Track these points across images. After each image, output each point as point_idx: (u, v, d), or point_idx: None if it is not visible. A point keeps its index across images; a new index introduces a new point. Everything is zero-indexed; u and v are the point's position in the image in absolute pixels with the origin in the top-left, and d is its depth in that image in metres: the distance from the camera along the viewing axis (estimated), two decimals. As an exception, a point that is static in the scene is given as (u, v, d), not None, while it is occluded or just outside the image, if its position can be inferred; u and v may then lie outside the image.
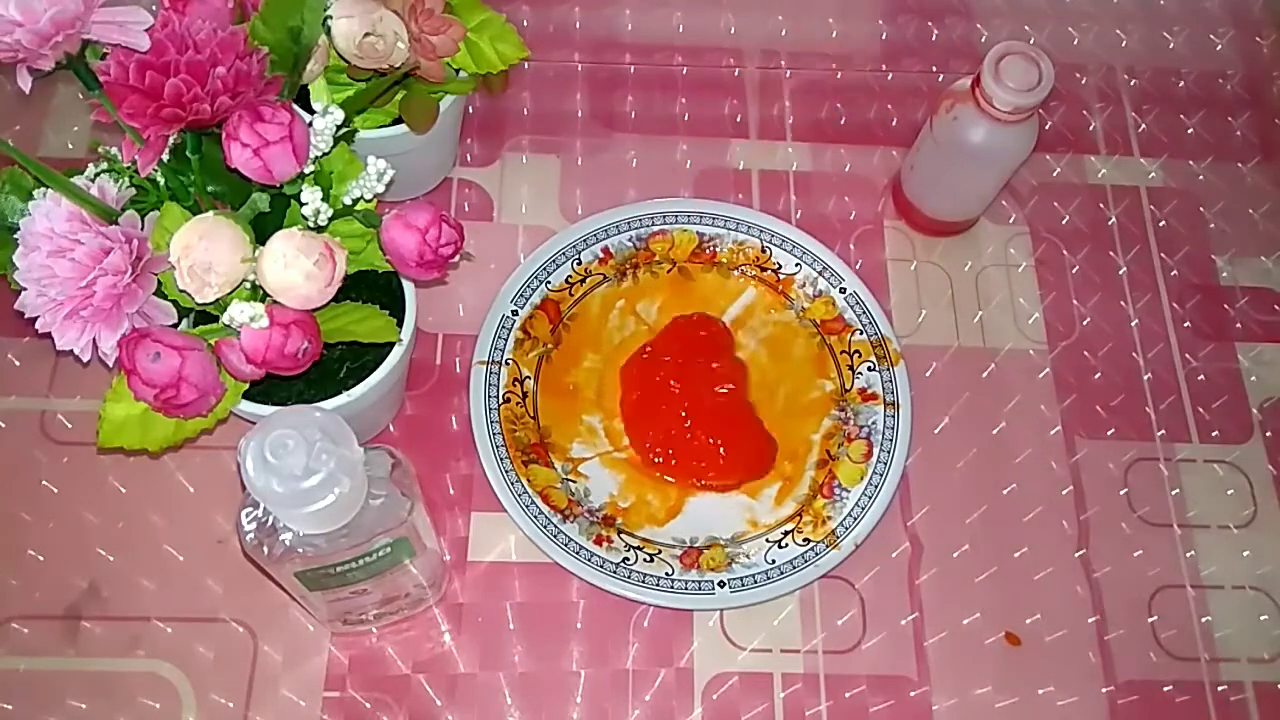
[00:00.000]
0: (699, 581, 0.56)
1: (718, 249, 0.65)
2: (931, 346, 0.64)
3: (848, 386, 0.62)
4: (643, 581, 0.55)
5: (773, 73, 0.73)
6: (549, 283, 0.62)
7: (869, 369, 0.62)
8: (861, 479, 0.59)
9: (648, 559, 0.56)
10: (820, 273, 0.63)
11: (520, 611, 0.56)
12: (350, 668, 0.54)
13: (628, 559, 0.56)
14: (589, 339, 0.62)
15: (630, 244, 0.64)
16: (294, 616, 0.55)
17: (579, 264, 0.63)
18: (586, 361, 0.62)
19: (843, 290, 0.63)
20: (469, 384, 0.59)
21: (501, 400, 0.59)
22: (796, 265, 0.64)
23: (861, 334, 0.62)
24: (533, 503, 0.56)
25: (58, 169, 0.43)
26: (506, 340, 0.60)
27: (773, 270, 0.64)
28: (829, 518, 0.58)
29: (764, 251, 0.64)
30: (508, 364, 0.60)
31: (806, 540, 0.57)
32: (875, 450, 0.59)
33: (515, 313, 0.61)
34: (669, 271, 0.64)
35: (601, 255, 0.63)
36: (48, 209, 0.43)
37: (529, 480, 0.57)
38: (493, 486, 0.56)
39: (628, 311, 0.63)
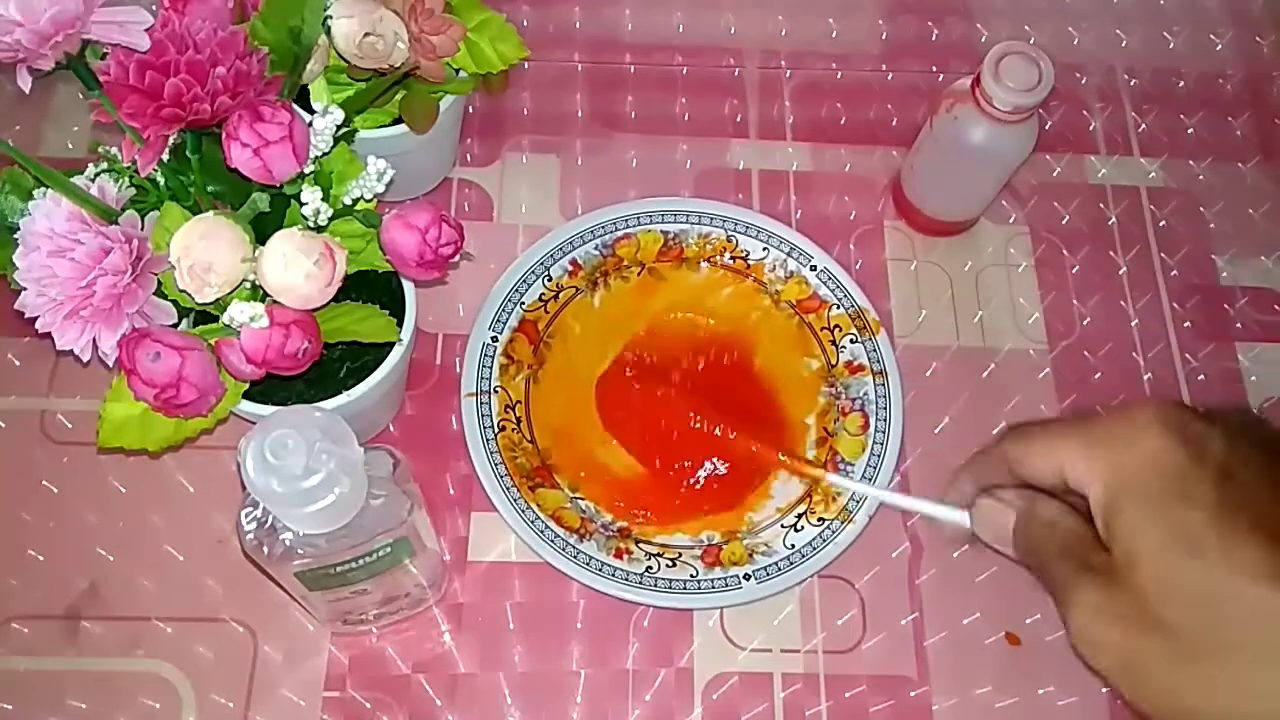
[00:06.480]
0: (724, 578, 0.55)
1: (684, 244, 0.64)
2: (931, 346, 0.64)
3: (833, 362, 0.62)
4: (669, 587, 0.55)
5: (773, 73, 0.73)
6: (523, 303, 0.62)
7: (851, 341, 0.62)
8: (863, 450, 0.59)
9: (670, 564, 0.56)
10: (788, 254, 0.64)
11: (520, 611, 0.56)
12: (350, 668, 0.54)
13: (650, 568, 0.56)
14: (569, 361, 0.62)
15: (597, 252, 0.64)
16: (294, 616, 0.55)
17: (549, 279, 0.63)
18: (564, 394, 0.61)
19: (813, 268, 0.63)
20: (462, 415, 0.58)
21: (498, 429, 0.58)
22: (764, 250, 0.64)
23: (838, 308, 0.62)
24: (547, 528, 0.56)
25: (58, 169, 0.43)
26: (491, 368, 0.60)
27: (741, 258, 0.64)
28: (839, 493, 0.58)
29: (729, 240, 0.64)
30: (496, 392, 0.59)
31: (821, 520, 0.57)
32: (872, 420, 0.60)
33: (495, 339, 0.60)
34: (639, 274, 0.64)
35: (570, 268, 0.63)
36: (48, 209, 0.43)
37: (539, 506, 0.57)
38: (507, 521, 0.55)
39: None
